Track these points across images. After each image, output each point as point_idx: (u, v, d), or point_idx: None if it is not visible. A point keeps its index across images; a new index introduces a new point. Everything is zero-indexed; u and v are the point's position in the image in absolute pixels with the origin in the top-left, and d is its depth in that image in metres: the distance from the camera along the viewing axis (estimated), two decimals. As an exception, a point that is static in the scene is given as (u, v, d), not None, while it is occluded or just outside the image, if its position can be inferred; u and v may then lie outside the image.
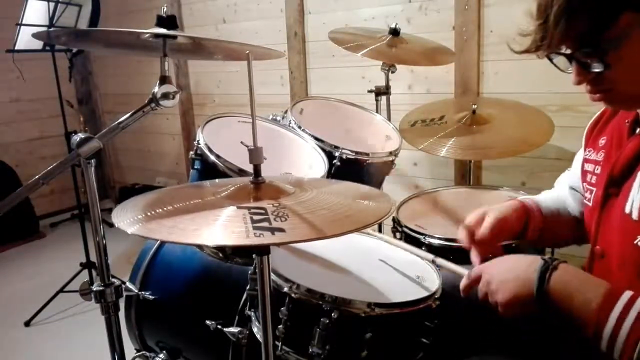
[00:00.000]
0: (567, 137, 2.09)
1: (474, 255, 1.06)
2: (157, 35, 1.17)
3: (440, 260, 1.13)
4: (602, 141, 1.00)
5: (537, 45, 0.84)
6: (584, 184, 1.03)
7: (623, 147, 0.93)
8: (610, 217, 0.93)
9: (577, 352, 0.98)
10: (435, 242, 1.49)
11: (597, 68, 0.81)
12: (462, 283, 0.99)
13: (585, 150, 1.06)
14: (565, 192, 1.17)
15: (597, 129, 1.04)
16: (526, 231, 1.11)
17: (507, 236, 1.10)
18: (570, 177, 1.16)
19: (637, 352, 0.74)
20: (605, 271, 0.93)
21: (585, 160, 1.04)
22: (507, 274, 0.90)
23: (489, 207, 1.11)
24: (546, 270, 0.84)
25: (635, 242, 0.84)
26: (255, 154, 0.93)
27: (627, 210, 0.86)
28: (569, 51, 0.83)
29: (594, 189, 0.98)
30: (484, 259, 1.03)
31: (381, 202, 0.94)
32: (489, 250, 1.05)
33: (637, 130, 0.91)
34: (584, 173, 1.03)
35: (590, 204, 0.99)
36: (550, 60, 0.87)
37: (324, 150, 1.60)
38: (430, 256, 1.18)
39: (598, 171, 0.98)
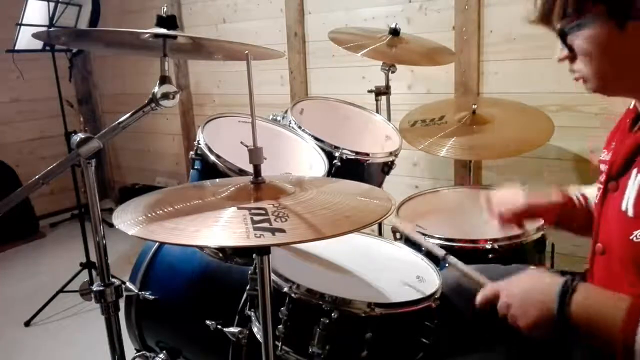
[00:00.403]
0: (567, 137, 2.09)
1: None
2: (157, 35, 1.17)
3: (452, 259, 1.15)
4: (614, 143, 1.01)
5: (536, 17, 0.89)
6: (597, 183, 1.04)
7: (623, 144, 0.94)
8: (608, 214, 0.93)
9: (579, 352, 0.98)
10: (436, 242, 1.49)
11: (565, 49, 0.87)
12: (479, 299, 0.99)
13: (602, 151, 1.07)
14: None
15: (613, 131, 1.05)
16: (563, 224, 1.17)
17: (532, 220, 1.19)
18: None
19: None
20: (606, 267, 0.93)
21: (600, 161, 1.05)
22: (527, 299, 0.89)
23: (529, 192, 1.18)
24: (565, 294, 0.83)
25: (630, 237, 0.84)
26: (255, 154, 0.93)
27: (622, 207, 0.87)
28: (569, 25, 0.86)
29: (601, 186, 0.99)
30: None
31: (381, 201, 0.94)
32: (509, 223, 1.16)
33: (636, 127, 0.92)
34: (600, 173, 1.04)
35: (596, 201, 1.00)
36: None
37: (324, 150, 1.60)
38: (442, 252, 1.19)
39: (606, 170, 0.99)
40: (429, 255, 1.34)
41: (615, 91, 0.92)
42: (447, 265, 1.19)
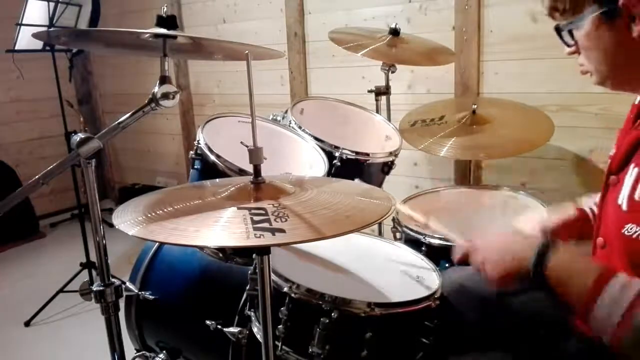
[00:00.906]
0: (567, 137, 2.09)
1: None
2: (157, 35, 1.17)
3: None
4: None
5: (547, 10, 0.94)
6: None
7: (624, 139, 0.95)
8: (608, 209, 0.95)
9: (577, 353, 0.98)
10: (435, 242, 1.49)
11: (569, 44, 0.92)
12: (456, 255, 1.05)
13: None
14: None
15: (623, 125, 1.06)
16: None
17: None
18: None
19: (629, 335, 0.76)
20: (606, 261, 0.94)
21: (609, 157, 1.06)
22: (504, 249, 0.94)
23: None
24: (544, 252, 0.87)
25: (622, 231, 0.86)
26: (255, 154, 0.93)
27: (619, 201, 0.89)
28: (563, 23, 0.92)
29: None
30: None
31: (381, 201, 0.94)
32: None
33: (637, 123, 0.93)
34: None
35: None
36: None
37: (324, 150, 1.60)
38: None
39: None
40: (429, 255, 1.34)
41: (615, 85, 0.94)
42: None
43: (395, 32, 2.09)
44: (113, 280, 1.26)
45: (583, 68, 0.94)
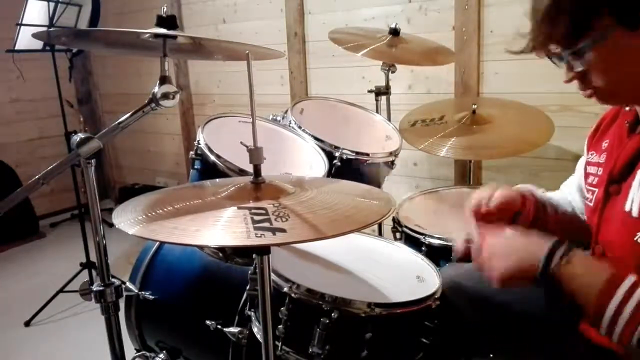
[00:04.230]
0: (567, 137, 2.09)
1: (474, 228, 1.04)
2: (157, 35, 1.17)
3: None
4: (604, 144, 1.01)
5: (532, 45, 0.88)
6: (586, 185, 1.03)
7: (623, 146, 0.94)
8: (610, 216, 0.93)
9: (577, 353, 0.98)
10: (435, 242, 1.49)
11: (578, 67, 0.86)
12: (457, 250, 1.00)
13: (587, 154, 1.07)
14: (569, 195, 1.18)
15: (599, 132, 1.05)
16: (519, 216, 1.09)
17: (509, 217, 1.09)
18: (574, 182, 1.17)
19: (636, 337, 0.75)
20: None
21: (588, 163, 1.05)
22: (512, 246, 0.90)
23: (499, 185, 1.10)
24: (555, 253, 0.84)
25: (635, 238, 0.84)
26: (255, 154, 0.93)
27: (627, 208, 0.87)
28: (558, 50, 0.86)
29: (596, 189, 0.99)
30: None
31: (381, 201, 0.94)
32: (490, 224, 1.04)
33: (638, 129, 0.92)
34: (587, 175, 1.04)
35: (591, 205, 1.00)
36: (550, 58, 0.89)
37: (324, 150, 1.60)
38: None
39: (600, 172, 0.99)
40: (429, 255, 1.34)
41: (627, 99, 0.91)
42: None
43: (395, 32, 2.09)
44: (113, 280, 1.26)
45: (590, 91, 0.88)
